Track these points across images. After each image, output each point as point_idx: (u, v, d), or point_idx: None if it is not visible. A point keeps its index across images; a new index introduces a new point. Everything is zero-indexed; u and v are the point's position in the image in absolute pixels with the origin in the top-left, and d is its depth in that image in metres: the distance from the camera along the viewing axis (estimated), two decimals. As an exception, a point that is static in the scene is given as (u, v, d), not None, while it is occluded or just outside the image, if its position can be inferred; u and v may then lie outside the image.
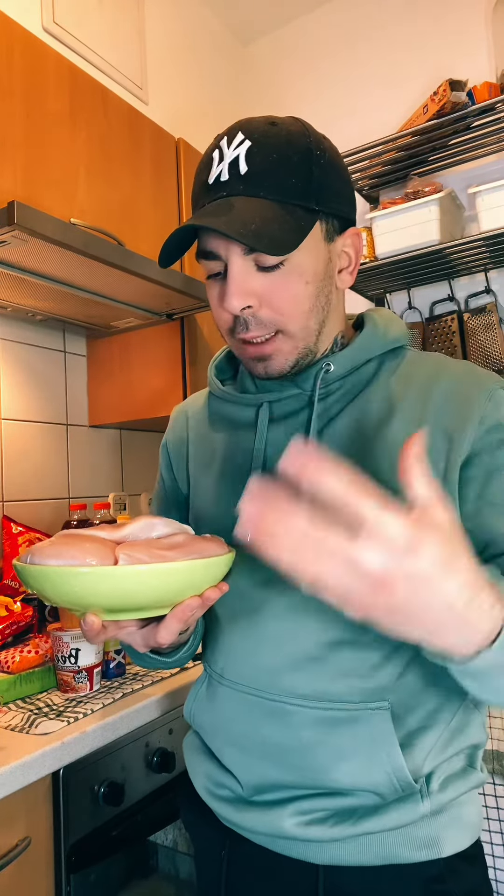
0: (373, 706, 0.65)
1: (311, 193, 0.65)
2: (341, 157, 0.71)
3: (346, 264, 0.72)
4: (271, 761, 0.68)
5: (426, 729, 0.67)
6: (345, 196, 0.70)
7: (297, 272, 0.66)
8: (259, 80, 2.42)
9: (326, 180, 0.66)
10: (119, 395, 1.81)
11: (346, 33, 2.21)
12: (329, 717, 0.66)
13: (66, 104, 1.40)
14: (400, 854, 0.65)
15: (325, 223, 0.67)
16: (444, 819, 0.66)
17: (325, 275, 0.68)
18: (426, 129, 1.74)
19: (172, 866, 1.26)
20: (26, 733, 0.93)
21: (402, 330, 0.75)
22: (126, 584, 0.53)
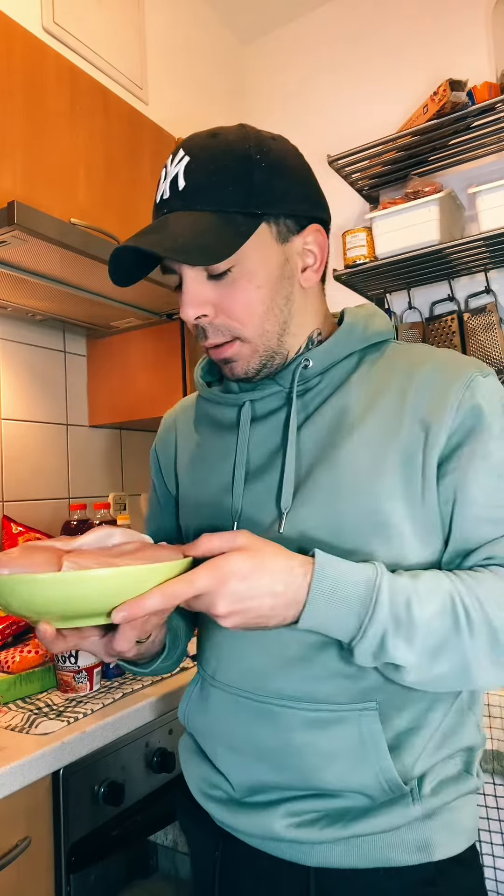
0: (360, 707, 0.65)
1: (252, 198, 0.65)
2: (296, 156, 0.70)
3: (311, 262, 0.71)
4: (262, 762, 0.69)
5: (416, 730, 0.67)
6: (298, 194, 0.68)
7: (247, 278, 0.66)
8: (259, 79, 2.42)
9: (271, 183, 0.66)
10: (119, 395, 1.81)
11: (346, 33, 2.21)
12: (317, 717, 0.66)
13: (66, 104, 1.39)
14: (391, 857, 0.65)
15: (276, 225, 0.67)
16: (437, 823, 0.66)
17: (281, 276, 0.69)
18: (426, 129, 1.74)
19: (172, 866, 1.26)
20: (26, 733, 0.93)
21: (383, 325, 0.75)
22: (61, 590, 0.53)
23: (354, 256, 1.86)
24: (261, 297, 0.68)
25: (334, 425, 0.70)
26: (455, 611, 0.60)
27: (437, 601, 0.60)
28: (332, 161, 1.86)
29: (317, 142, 2.23)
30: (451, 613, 0.60)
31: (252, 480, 0.72)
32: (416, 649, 0.59)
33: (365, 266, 1.83)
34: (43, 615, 0.56)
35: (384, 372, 0.71)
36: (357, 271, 1.85)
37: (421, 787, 0.65)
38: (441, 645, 0.59)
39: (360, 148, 1.84)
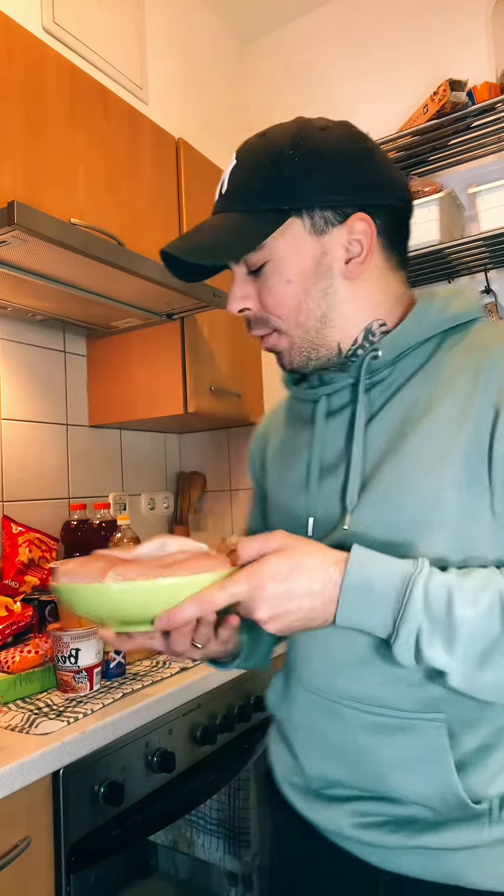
0: (427, 717, 0.63)
1: (282, 194, 0.66)
2: (346, 143, 0.68)
3: (356, 252, 0.68)
4: (332, 759, 0.69)
5: (491, 747, 0.64)
6: (339, 185, 0.66)
7: (278, 272, 0.68)
8: (259, 79, 2.42)
9: (305, 176, 0.66)
10: (119, 395, 1.81)
11: (346, 33, 2.21)
12: (381, 722, 0.65)
13: (66, 104, 1.39)
14: (465, 877, 0.62)
15: (310, 218, 0.67)
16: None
17: (317, 269, 0.68)
18: (426, 129, 1.74)
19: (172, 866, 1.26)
20: (26, 733, 0.93)
21: (465, 305, 0.70)
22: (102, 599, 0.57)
23: (354, 256, 1.86)
24: (292, 291, 0.68)
25: (405, 416, 0.67)
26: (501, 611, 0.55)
27: (485, 599, 0.55)
28: (332, 161, 1.86)
29: (317, 142, 2.23)
30: (498, 614, 0.55)
31: (325, 477, 0.72)
32: (459, 652, 0.55)
33: (365, 266, 1.83)
34: (100, 620, 0.61)
35: (462, 354, 0.67)
36: (357, 271, 1.85)
37: (501, 811, 0.62)
38: (490, 648, 0.55)
39: (360, 148, 1.83)
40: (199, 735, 1.17)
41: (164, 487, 2.17)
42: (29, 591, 1.47)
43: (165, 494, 2.16)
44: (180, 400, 1.70)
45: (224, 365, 1.85)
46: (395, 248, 0.72)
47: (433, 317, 0.69)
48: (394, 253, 0.72)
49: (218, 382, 1.79)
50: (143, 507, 2.07)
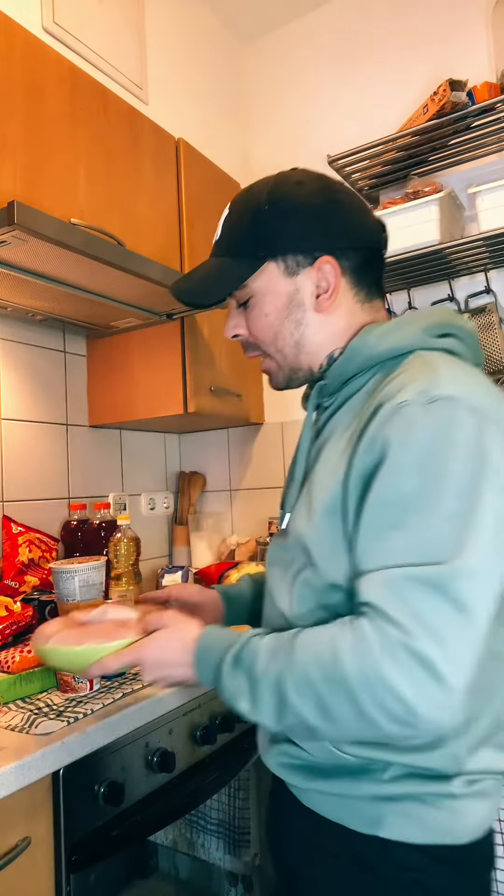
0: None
1: (260, 243, 0.81)
2: (316, 197, 0.81)
3: (324, 289, 0.81)
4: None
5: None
6: (308, 233, 0.80)
7: (258, 307, 0.83)
8: (259, 79, 2.42)
9: (277, 228, 0.80)
10: (119, 395, 1.81)
11: (346, 33, 2.21)
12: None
13: (66, 104, 1.39)
14: (346, 819, 0.76)
15: (283, 262, 0.81)
16: (390, 807, 0.74)
17: (290, 305, 0.82)
18: (426, 129, 1.74)
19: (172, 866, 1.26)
20: (26, 733, 0.93)
21: (400, 339, 0.77)
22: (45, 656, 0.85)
23: (354, 256, 1.86)
24: (269, 323, 0.83)
25: (322, 447, 0.80)
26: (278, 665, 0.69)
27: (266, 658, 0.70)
28: (332, 161, 1.86)
29: (317, 142, 2.23)
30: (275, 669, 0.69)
31: (291, 482, 0.86)
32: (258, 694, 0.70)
33: (365, 266, 1.83)
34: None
35: (382, 386, 0.75)
36: (357, 271, 1.85)
37: (383, 773, 0.73)
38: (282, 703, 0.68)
39: (360, 148, 1.84)
40: (199, 735, 1.18)
41: (164, 487, 2.17)
42: (29, 591, 1.47)
43: (165, 494, 2.16)
44: (180, 400, 1.70)
45: (224, 365, 1.85)
46: (363, 284, 0.84)
47: (365, 351, 0.79)
48: (362, 287, 0.84)
49: (218, 382, 1.79)
50: (143, 507, 2.07)
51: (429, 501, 0.64)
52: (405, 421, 0.67)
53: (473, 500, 0.63)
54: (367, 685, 0.62)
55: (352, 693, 0.62)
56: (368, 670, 0.62)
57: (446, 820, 0.73)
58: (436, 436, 0.65)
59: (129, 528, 1.60)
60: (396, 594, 0.63)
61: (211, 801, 1.32)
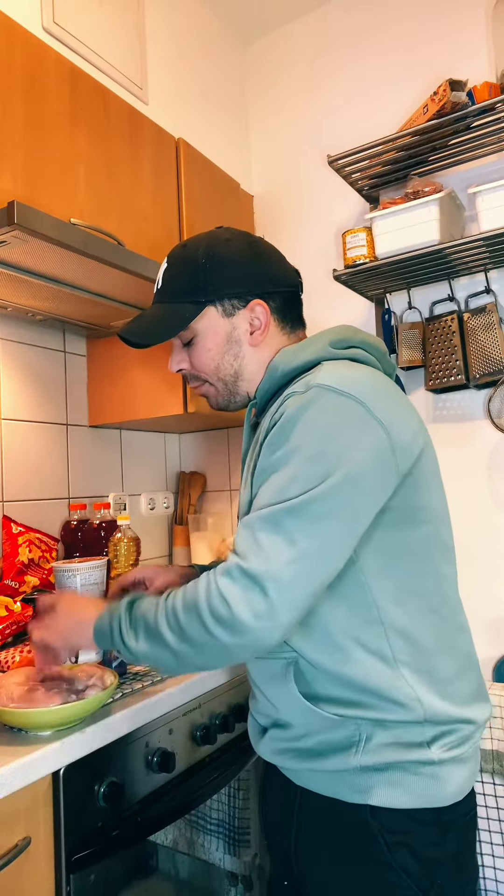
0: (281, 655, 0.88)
1: (199, 291, 0.94)
2: (246, 251, 0.96)
3: (256, 326, 0.96)
4: (254, 698, 0.97)
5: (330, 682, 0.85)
6: (240, 281, 0.95)
7: (201, 344, 0.96)
8: (259, 79, 2.42)
9: (214, 277, 0.94)
10: (119, 395, 1.81)
11: (346, 33, 2.21)
12: (263, 665, 0.91)
13: (66, 104, 1.39)
14: (340, 792, 0.84)
15: (221, 306, 0.95)
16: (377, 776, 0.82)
17: (228, 341, 0.96)
18: (426, 129, 1.74)
19: (172, 866, 1.26)
20: (26, 733, 0.93)
21: (310, 353, 0.90)
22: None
23: (354, 256, 1.86)
24: (210, 356, 0.97)
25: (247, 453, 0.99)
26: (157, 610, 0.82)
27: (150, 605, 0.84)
28: (332, 161, 1.86)
29: (317, 142, 2.23)
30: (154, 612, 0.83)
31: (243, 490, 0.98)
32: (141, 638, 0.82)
33: (365, 266, 1.83)
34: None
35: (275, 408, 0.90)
36: (357, 271, 1.85)
37: (366, 744, 0.83)
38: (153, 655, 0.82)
39: (360, 148, 1.84)
40: (199, 735, 1.18)
41: (164, 487, 2.17)
42: (29, 591, 1.47)
43: (165, 494, 2.16)
44: (180, 400, 1.70)
45: (224, 365, 1.85)
46: (287, 319, 0.99)
47: (280, 368, 0.93)
48: (286, 322, 0.99)
49: (218, 382, 1.79)
50: (143, 507, 2.07)
51: (283, 462, 0.80)
52: (285, 406, 0.84)
53: (315, 463, 0.78)
54: (208, 599, 0.77)
55: (197, 609, 0.77)
56: (211, 588, 0.77)
57: (429, 785, 0.82)
58: (300, 412, 0.81)
59: (129, 528, 1.60)
60: (245, 532, 0.79)
61: (211, 801, 1.32)
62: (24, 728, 0.93)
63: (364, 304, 2.06)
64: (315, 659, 0.85)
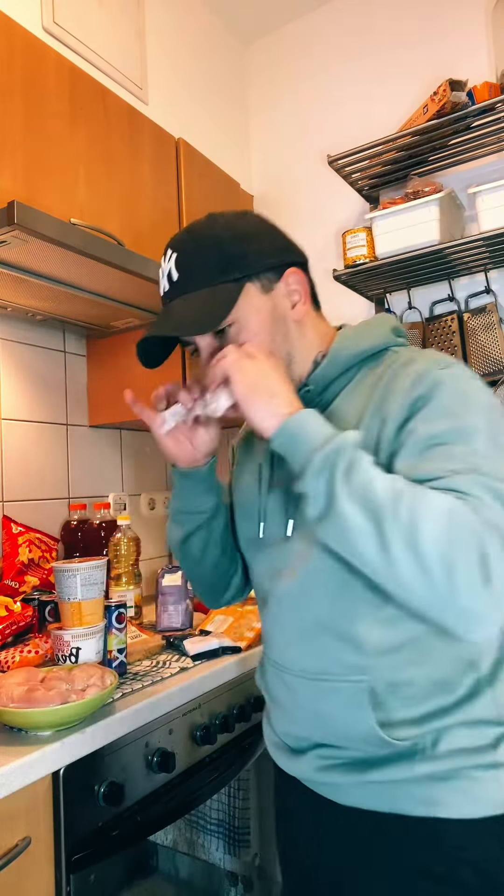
0: (353, 679, 0.77)
1: (232, 268, 0.81)
2: (261, 222, 0.86)
3: (297, 299, 0.85)
4: (291, 719, 0.85)
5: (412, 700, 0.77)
6: (271, 250, 0.84)
7: (245, 329, 0.82)
8: (259, 79, 2.42)
9: (243, 250, 0.82)
10: (119, 395, 1.81)
11: (345, 33, 2.21)
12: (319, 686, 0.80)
13: (66, 104, 1.39)
14: (400, 805, 0.76)
15: (258, 281, 0.82)
16: (447, 785, 0.74)
17: (274, 319, 0.83)
18: (426, 129, 1.74)
19: (172, 866, 1.26)
20: (27, 733, 0.93)
21: (374, 339, 0.85)
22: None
23: (354, 256, 1.86)
24: (261, 341, 0.82)
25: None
26: (394, 489, 0.66)
27: (384, 476, 0.68)
28: (332, 161, 1.87)
29: (317, 142, 2.23)
30: (390, 488, 0.67)
31: (273, 487, 0.88)
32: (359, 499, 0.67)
33: (365, 266, 1.83)
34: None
35: (370, 381, 0.82)
36: (357, 271, 1.85)
37: (433, 749, 0.75)
38: (373, 507, 0.66)
39: (360, 148, 1.84)
40: (199, 735, 1.17)
41: (164, 487, 2.17)
42: (29, 591, 1.47)
43: (165, 494, 2.16)
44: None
45: (224, 365, 1.85)
46: (312, 294, 0.88)
47: (345, 353, 0.85)
48: (313, 298, 0.89)
49: (218, 382, 1.79)
50: (143, 507, 2.07)
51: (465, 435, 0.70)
52: (433, 379, 0.75)
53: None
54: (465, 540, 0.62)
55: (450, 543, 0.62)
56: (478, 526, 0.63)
57: (494, 790, 0.75)
58: (459, 383, 0.75)
59: (129, 528, 1.60)
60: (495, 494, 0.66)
61: (211, 801, 1.32)
62: (24, 728, 0.93)
63: (364, 304, 2.06)
64: (396, 678, 0.77)
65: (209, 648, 1.27)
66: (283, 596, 0.85)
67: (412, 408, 0.74)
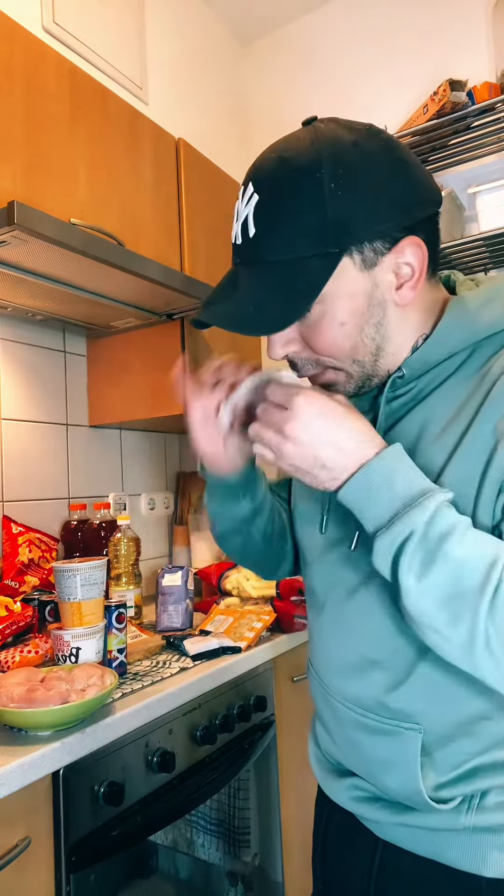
0: (404, 726, 0.67)
1: (329, 236, 0.60)
2: (386, 155, 0.62)
3: (407, 277, 0.65)
4: (333, 742, 0.77)
5: (466, 761, 0.66)
6: (387, 207, 0.61)
7: (329, 316, 0.64)
8: (259, 80, 2.42)
9: (349, 210, 0.60)
10: (119, 395, 1.81)
11: (345, 33, 2.21)
12: (365, 723, 0.70)
13: (66, 104, 1.39)
14: (446, 855, 0.67)
15: (360, 254, 0.62)
16: (492, 839, 0.65)
17: (370, 304, 0.64)
18: (426, 129, 1.74)
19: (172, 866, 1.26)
20: (26, 733, 0.93)
21: (500, 313, 0.66)
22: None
23: (354, 256, 1.86)
24: (346, 333, 0.65)
25: (420, 431, 0.66)
26: (490, 573, 0.54)
27: (478, 553, 0.55)
28: (332, 161, 1.86)
29: (317, 142, 2.23)
30: (484, 571, 0.54)
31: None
32: (428, 582, 0.56)
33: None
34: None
35: (486, 370, 0.64)
36: (357, 271, 1.85)
37: (481, 801, 0.65)
38: (455, 595, 0.55)
39: (360, 148, 1.83)
40: (199, 735, 1.17)
41: (164, 487, 2.17)
42: (29, 591, 1.47)
43: (165, 494, 2.16)
44: (180, 400, 1.69)
45: (224, 365, 1.85)
46: (432, 257, 0.67)
47: (458, 333, 0.66)
48: (432, 264, 0.68)
49: (218, 382, 1.79)
50: (143, 507, 2.07)
51: None
52: None
53: None
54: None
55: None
56: None
57: None
58: None
59: (129, 528, 1.60)
60: None
61: (211, 801, 1.32)
62: (24, 728, 0.93)
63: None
64: (452, 732, 0.66)
65: (209, 648, 1.27)
66: (334, 613, 0.74)
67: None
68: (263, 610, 1.50)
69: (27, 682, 0.96)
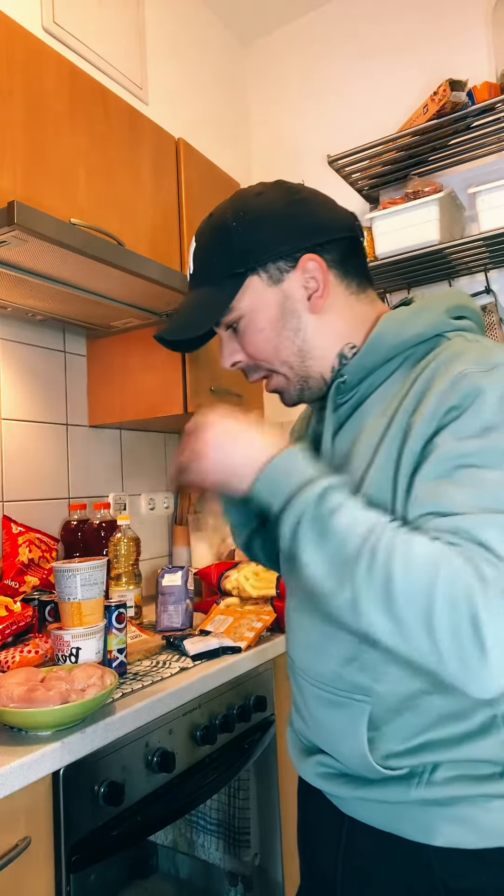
0: (355, 697, 0.74)
1: (235, 261, 0.77)
2: (282, 200, 0.78)
3: (313, 288, 0.78)
4: (302, 719, 0.83)
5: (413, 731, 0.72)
6: (284, 237, 0.77)
7: (251, 325, 0.79)
8: (259, 79, 2.42)
9: (251, 239, 0.77)
10: (119, 395, 1.81)
11: (346, 33, 2.21)
12: (323, 696, 0.77)
13: (66, 104, 1.39)
14: (400, 828, 0.72)
15: (264, 273, 0.77)
16: (442, 812, 0.70)
17: (284, 313, 0.78)
18: (426, 129, 1.74)
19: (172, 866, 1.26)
20: (26, 733, 0.93)
21: (425, 325, 0.75)
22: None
23: (354, 256, 1.86)
24: (266, 337, 0.79)
25: (356, 434, 0.76)
26: (368, 537, 0.62)
27: (360, 523, 0.63)
28: (332, 161, 1.87)
29: (317, 142, 2.23)
30: (364, 536, 0.62)
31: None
32: (320, 554, 0.64)
33: (365, 266, 1.83)
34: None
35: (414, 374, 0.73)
36: (357, 271, 1.85)
37: (431, 775, 0.70)
38: (339, 562, 0.62)
39: (360, 148, 1.84)
40: (199, 735, 1.18)
41: (164, 487, 2.17)
42: (29, 591, 1.47)
43: (165, 494, 2.16)
44: (180, 400, 1.70)
45: (224, 365, 1.85)
46: (351, 274, 0.80)
47: (389, 340, 0.76)
48: (352, 278, 0.80)
49: (218, 382, 1.79)
50: (143, 507, 2.07)
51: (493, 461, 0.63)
52: (472, 386, 0.66)
53: None
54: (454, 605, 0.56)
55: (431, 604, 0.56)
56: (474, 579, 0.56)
57: (499, 821, 0.69)
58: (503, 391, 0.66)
59: (129, 528, 1.60)
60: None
61: (211, 801, 1.32)
62: (24, 728, 0.93)
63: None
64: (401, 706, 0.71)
65: (209, 648, 1.28)
66: (298, 595, 0.83)
67: (443, 419, 0.66)
68: (263, 610, 1.50)
69: (27, 682, 0.96)
